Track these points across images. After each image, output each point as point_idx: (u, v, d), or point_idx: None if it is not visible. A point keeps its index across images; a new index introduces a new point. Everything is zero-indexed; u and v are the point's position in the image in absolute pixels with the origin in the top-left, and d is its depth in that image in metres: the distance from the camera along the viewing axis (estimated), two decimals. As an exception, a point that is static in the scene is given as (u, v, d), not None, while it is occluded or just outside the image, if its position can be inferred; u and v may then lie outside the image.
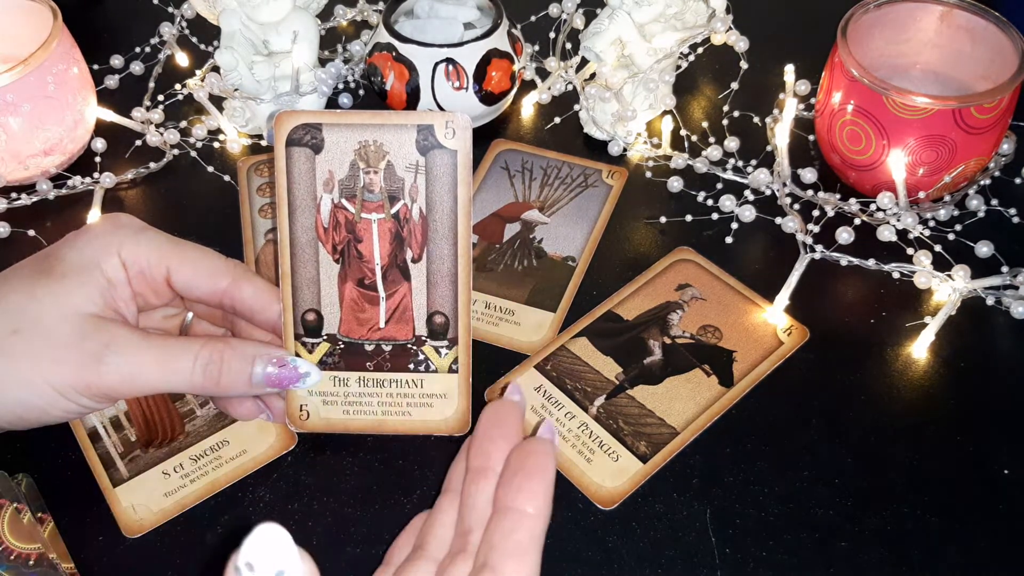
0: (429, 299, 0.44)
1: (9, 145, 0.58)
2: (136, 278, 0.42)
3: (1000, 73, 0.56)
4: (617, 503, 0.46)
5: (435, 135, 0.42)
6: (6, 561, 0.40)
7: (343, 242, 0.44)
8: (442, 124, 0.42)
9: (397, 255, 0.44)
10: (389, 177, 0.43)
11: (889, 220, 0.56)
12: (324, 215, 0.43)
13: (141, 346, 0.40)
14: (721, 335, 0.53)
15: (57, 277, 0.40)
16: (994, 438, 0.48)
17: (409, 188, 0.43)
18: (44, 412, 0.40)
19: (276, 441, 0.48)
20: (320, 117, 0.42)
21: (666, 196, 0.62)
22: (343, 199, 0.43)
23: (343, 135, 0.42)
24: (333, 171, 0.43)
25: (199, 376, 0.40)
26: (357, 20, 0.76)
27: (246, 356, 0.41)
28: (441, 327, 0.44)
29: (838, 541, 0.44)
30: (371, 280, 0.44)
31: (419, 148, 0.43)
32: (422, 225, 0.43)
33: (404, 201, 0.43)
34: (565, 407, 0.50)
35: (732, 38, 0.64)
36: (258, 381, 0.42)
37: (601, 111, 0.64)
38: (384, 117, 0.42)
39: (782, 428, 0.49)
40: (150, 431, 0.49)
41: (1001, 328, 0.54)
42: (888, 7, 0.59)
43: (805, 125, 0.65)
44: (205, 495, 0.46)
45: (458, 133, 0.42)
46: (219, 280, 0.43)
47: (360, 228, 0.43)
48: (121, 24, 0.78)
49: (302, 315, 0.43)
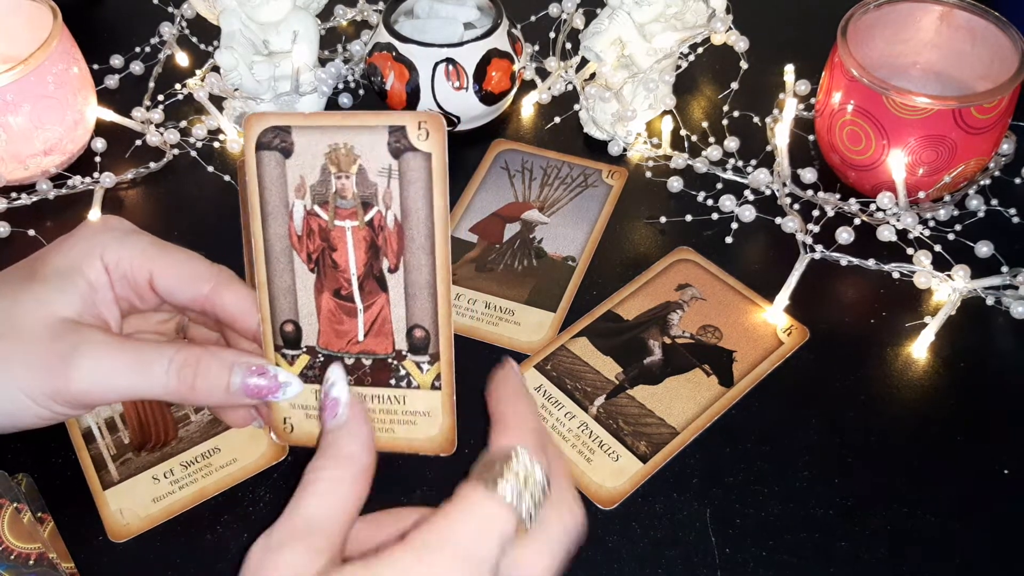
0: (408, 312, 0.42)
1: (9, 145, 0.58)
2: (119, 282, 0.41)
3: (1000, 73, 0.56)
4: (617, 503, 0.46)
5: (408, 137, 0.40)
6: (6, 561, 0.40)
7: (317, 251, 0.42)
8: (415, 125, 0.39)
9: (373, 265, 0.42)
10: (362, 182, 0.41)
11: (889, 220, 0.56)
12: (297, 222, 0.41)
13: (112, 349, 0.39)
14: (721, 335, 0.53)
15: (40, 281, 0.40)
16: (994, 438, 0.48)
17: (383, 194, 0.41)
18: (15, 418, 0.39)
19: (268, 450, 0.48)
20: (288, 120, 0.41)
21: (666, 196, 0.62)
22: (316, 206, 0.41)
23: (313, 138, 0.40)
24: (304, 176, 0.41)
25: (173, 380, 0.39)
26: (357, 20, 0.76)
27: (224, 363, 0.40)
28: (421, 341, 0.42)
29: (838, 541, 0.44)
30: (347, 291, 0.42)
31: (391, 151, 0.40)
32: (397, 233, 0.41)
33: (378, 208, 0.41)
34: (565, 407, 0.50)
35: (732, 38, 0.64)
36: (236, 390, 0.40)
37: (601, 111, 0.64)
38: (354, 118, 0.40)
39: (782, 428, 0.49)
40: (143, 434, 0.49)
41: (1001, 328, 0.54)
42: (888, 7, 0.59)
43: (805, 125, 0.65)
44: (193, 503, 0.46)
45: (432, 135, 0.40)
46: (201, 285, 0.42)
47: (334, 236, 0.41)
48: (121, 24, 0.78)
49: (280, 326, 0.43)
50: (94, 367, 0.38)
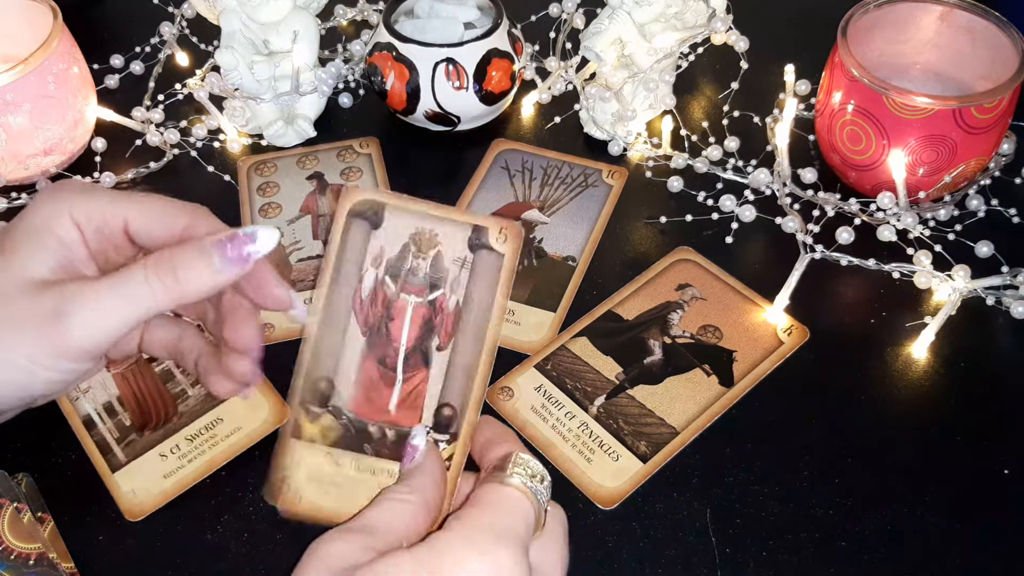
0: (444, 389, 0.44)
1: (9, 145, 0.58)
2: (93, 236, 0.41)
3: (1000, 73, 0.56)
4: (617, 503, 0.46)
5: (487, 237, 0.44)
6: (6, 560, 0.40)
7: (376, 318, 0.44)
8: (496, 229, 0.44)
9: (423, 341, 0.44)
10: (435, 265, 0.44)
11: (889, 220, 0.56)
12: (365, 289, 0.44)
13: (94, 291, 0.38)
14: (721, 335, 0.53)
15: (9, 251, 0.39)
16: (994, 438, 0.48)
17: (451, 280, 0.44)
18: (27, 388, 0.39)
19: (270, 416, 0.49)
20: (386, 198, 0.44)
21: (666, 196, 0.62)
22: (387, 277, 0.44)
23: (403, 219, 0.44)
24: (384, 248, 0.44)
25: (156, 285, 0.38)
26: (357, 20, 0.76)
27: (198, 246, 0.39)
28: (447, 420, 0.43)
29: (838, 541, 0.44)
30: (392, 361, 0.44)
31: (470, 245, 0.44)
32: (455, 316, 0.44)
33: (444, 290, 0.44)
34: (565, 407, 0.50)
35: (732, 38, 0.64)
36: (220, 264, 0.39)
37: (601, 111, 0.64)
38: (445, 211, 0.44)
39: (782, 428, 0.49)
40: (144, 414, 0.49)
41: (1001, 328, 0.54)
42: (888, 7, 0.59)
43: (805, 125, 0.65)
44: (204, 474, 0.47)
45: (510, 240, 0.44)
46: (176, 220, 0.41)
47: (396, 307, 0.44)
48: (121, 24, 0.78)
49: (316, 380, 0.42)
50: (86, 315, 0.38)
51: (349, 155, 0.65)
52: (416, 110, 0.63)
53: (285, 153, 0.66)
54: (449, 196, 0.62)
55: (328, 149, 0.66)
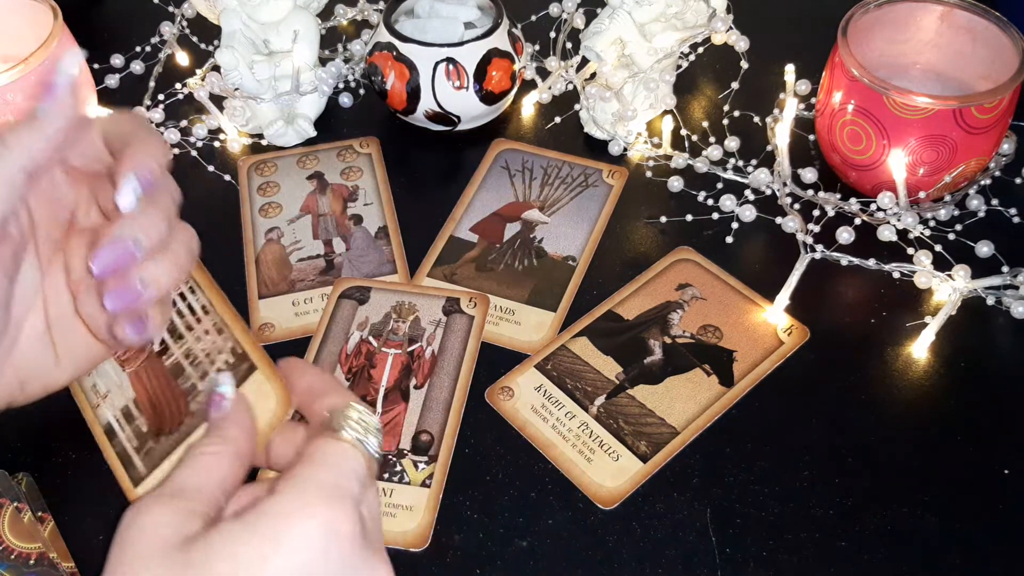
0: (420, 419, 0.49)
1: (9, 144, 0.58)
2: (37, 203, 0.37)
3: (1000, 73, 0.56)
4: (617, 503, 0.46)
5: (459, 305, 0.54)
6: (6, 560, 0.40)
7: (358, 367, 0.51)
8: (467, 300, 0.54)
9: (402, 381, 0.51)
10: (414, 326, 0.53)
11: (889, 220, 0.56)
12: (350, 346, 0.52)
13: None
14: (721, 335, 0.53)
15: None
16: (994, 438, 0.48)
17: (428, 335, 0.53)
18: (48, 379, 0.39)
19: (277, 406, 0.49)
20: (372, 283, 0.55)
21: (666, 196, 0.62)
22: (370, 336, 0.53)
23: (386, 296, 0.54)
24: (369, 316, 0.54)
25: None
26: (357, 20, 0.76)
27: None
28: (425, 444, 0.48)
29: (838, 541, 0.44)
30: (373, 398, 0.50)
31: (444, 311, 0.54)
32: (431, 362, 0.51)
33: (421, 344, 0.52)
34: (565, 407, 0.50)
35: (732, 38, 0.64)
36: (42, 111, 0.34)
37: (601, 111, 0.64)
38: (422, 289, 0.55)
39: (782, 428, 0.49)
40: (159, 417, 0.49)
41: (1001, 328, 0.54)
42: (888, 7, 0.59)
43: (805, 125, 0.65)
44: None
45: (479, 306, 0.54)
46: None
47: (377, 358, 0.52)
48: (121, 23, 0.78)
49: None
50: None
51: (349, 155, 0.65)
52: (416, 110, 0.63)
53: (285, 153, 0.66)
54: (449, 196, 0.62)
55: (328, 149, 0.66)
